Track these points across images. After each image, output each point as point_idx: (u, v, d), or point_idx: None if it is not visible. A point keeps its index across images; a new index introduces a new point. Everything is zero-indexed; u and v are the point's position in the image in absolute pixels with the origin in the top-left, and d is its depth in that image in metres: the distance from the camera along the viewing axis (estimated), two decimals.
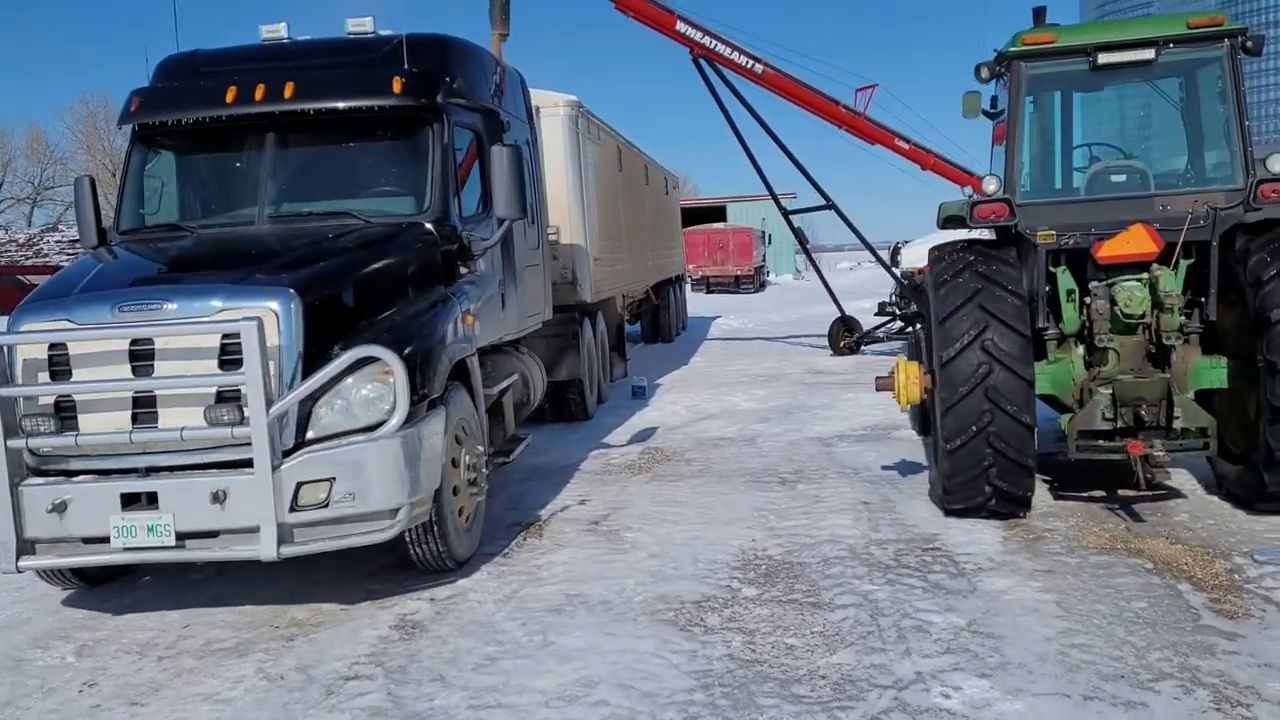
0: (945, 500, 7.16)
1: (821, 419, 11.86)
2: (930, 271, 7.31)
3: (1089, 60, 7.10)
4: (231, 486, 5.50)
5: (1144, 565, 6.11)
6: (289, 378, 5.65)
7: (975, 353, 6.71)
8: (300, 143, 7.38)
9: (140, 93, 7.41)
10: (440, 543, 6.42)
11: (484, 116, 8.16)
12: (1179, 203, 6.97)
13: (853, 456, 9.69)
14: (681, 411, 12.93)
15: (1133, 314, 6.85)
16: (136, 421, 5.59)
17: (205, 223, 7.25)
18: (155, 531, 5.48)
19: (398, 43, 7.47)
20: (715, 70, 16.73)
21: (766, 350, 20.11)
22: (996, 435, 6.69)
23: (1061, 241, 7.08)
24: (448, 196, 7.31)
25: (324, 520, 5.65)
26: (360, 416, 5.77)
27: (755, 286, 46.87)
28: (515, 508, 8.28)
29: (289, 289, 5.73)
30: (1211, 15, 6.99)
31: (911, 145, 17.45)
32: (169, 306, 5.60)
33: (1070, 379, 7.23)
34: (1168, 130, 7.98)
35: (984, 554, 6.47)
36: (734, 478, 9.03)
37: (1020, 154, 7.23)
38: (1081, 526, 6.94)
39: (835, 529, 7.21)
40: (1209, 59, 7.10)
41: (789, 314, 29.20)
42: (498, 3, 14.96)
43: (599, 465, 9.91)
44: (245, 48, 7.92)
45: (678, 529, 7.43)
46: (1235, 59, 6.94)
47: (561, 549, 7.11)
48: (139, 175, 7.56)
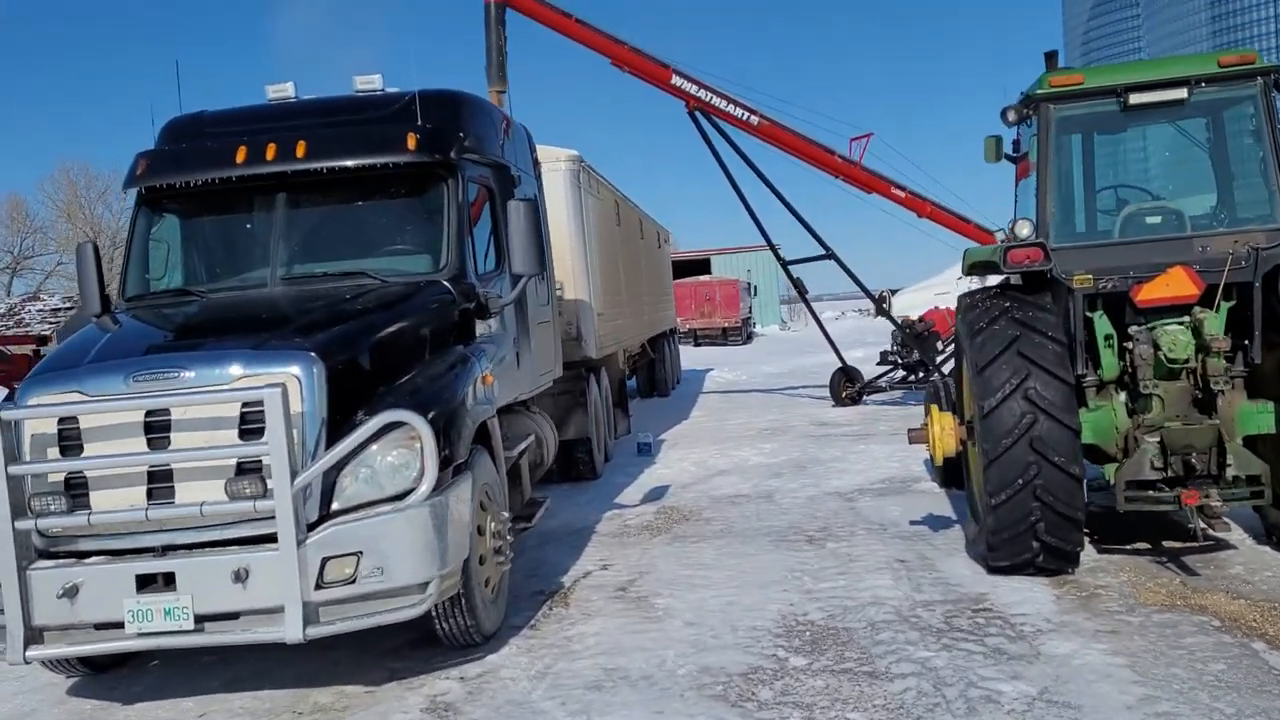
0: (990, 557, 6.87)
1: (837, 473, 11.59)
2: (963, 319, 7.10)
3: (1119, 101, 6.97)
4: (254, 564, 5.17)
5: (1210, 623, 5.84)
6: (313, 446, 5.36)
7: (1018, 402, 6.48)
8: (312, 202, 7.16)
9: (147, 155, 7.18)
10: (468, 616, 6.09)
11: (495, 171, 7.97)
12: (1218, 243, 6.81)
13: (877, 512, 9.41)
14: (691, 468, 12.64)
15: (1177, 359, 6.65)
16: (152, 497, 5.27)
17: (215, 287, 6.99)
18: (173, 615, 5.14)
19: (410, 99, 7.30)
20: (711, 123, 16.69)
21: (766, 402, 19.88)
22: (1044, 488, 6.44)
23: (1100, 285, 6.90)
24: (464, 253, 7.09)
25: (351, 598, 5.32)
26: (386, 485, 5.48)
27: (742, 338, 46.76)
28: (535, 575, 7.95)
29: (311, 353, 5.46)
30: (1242, 54, 6.89)
31: (908, 193, 17.42)
32: (186, 375, 5.32)
33: (1113, 427, 7.00)
34: (1196, 170, 7.86)
35: (1039, 614, 6.19)
36: (758, 537, 8.73)
37: (1052, 197, 7.07)
38: (1135, 582, 6.67)
39: (876, 590, 6.91)
40: (1242, 98, 6.99)
41: (781, 365, 29.02)
42: (495, 60, 14.91)
43: (615, 527, 9.59)
44: (252, 108, 7.73)
45: (710, 594, 7.11)
46: (1269, 97, 6.84)
47: (591, 619, 6.78)
48: (144, 240, 7.31)
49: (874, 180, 17.23)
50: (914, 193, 17.46)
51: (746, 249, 57.56)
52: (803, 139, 16.89)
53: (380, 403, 5.66)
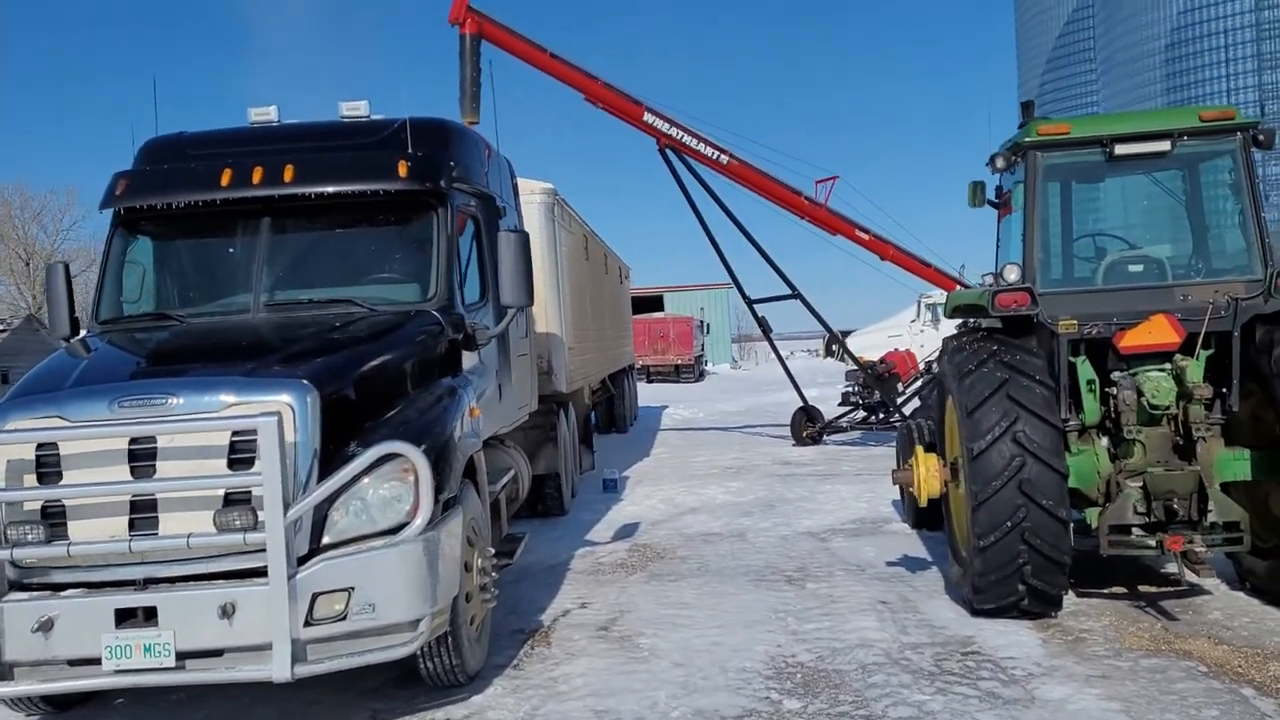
0: (976, 600, 6.88)
1: (807, 512, 11.58)
2: (950, 361, 7.14)
3: (1105, 151, 7.11)
4: (240, 599, 4.99)
5: (1198, 668, 5.87)
6: (304, 478, 5.20)
7: (1007, 445, 6.51)
8: (298, 228, 7.02)
9: (126, 175, 7.00)
10: (454, 655, 5.93)
11: (482, 201, 7.90)
12: (1199, 293, 6.95)
13: (852, 552, 9.39)
14: (659, 505, 12.56)
15: (1160, 405, 6.74)
16: (134, 528, 5.07)
17: (195, 312, 6.80)
18: (153, 651, 4.93)
19: (400, 126, 7.22)
20: (682, 161, 16.77)
21: (726, 440, 19.88)
22: (1031, 531, 6.46)
23: (1084, 331, 6.99)
24: (453, 283, 7.00)
25: (341, 635, 5.16)
26: (379, 519, 5.34)
27: (695, 376, 46.88)
28: (514, 612, 7.80)
29: (305, 381, 5.32)
30: (1223, 109, 7.07)
31: (871, 236, 17.62)
32: (174, 401, 5.14)
33: (1095, 472, 7.07)
34: (1170, 220, 8.04)
35: (1028, 658, 6.19)
36: (736, 576, 8.67)
37: (1038, 243, 7.17)
38: (1118, 626, 6.71)
39: (863, 632, 6.87)
40: (1221, 151, 7.17)
41: (738, 403, 29.11)
42: (469, 90, 14.85)
43: (589, 564, 9.47)
44: (234, 130, 7.59)
45: (694, 634, 7.02)
46: (1248, 151, 7.02)
47: (575, 658, 6.65)
48: (120, 262, 7.10)
49: (839, 222, 17.41)
50: (877, 235, 17.67)
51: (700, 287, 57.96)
52: (771, 179, 17.03)
53: (373, 434, 5.53)
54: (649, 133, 16.54)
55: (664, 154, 16.80)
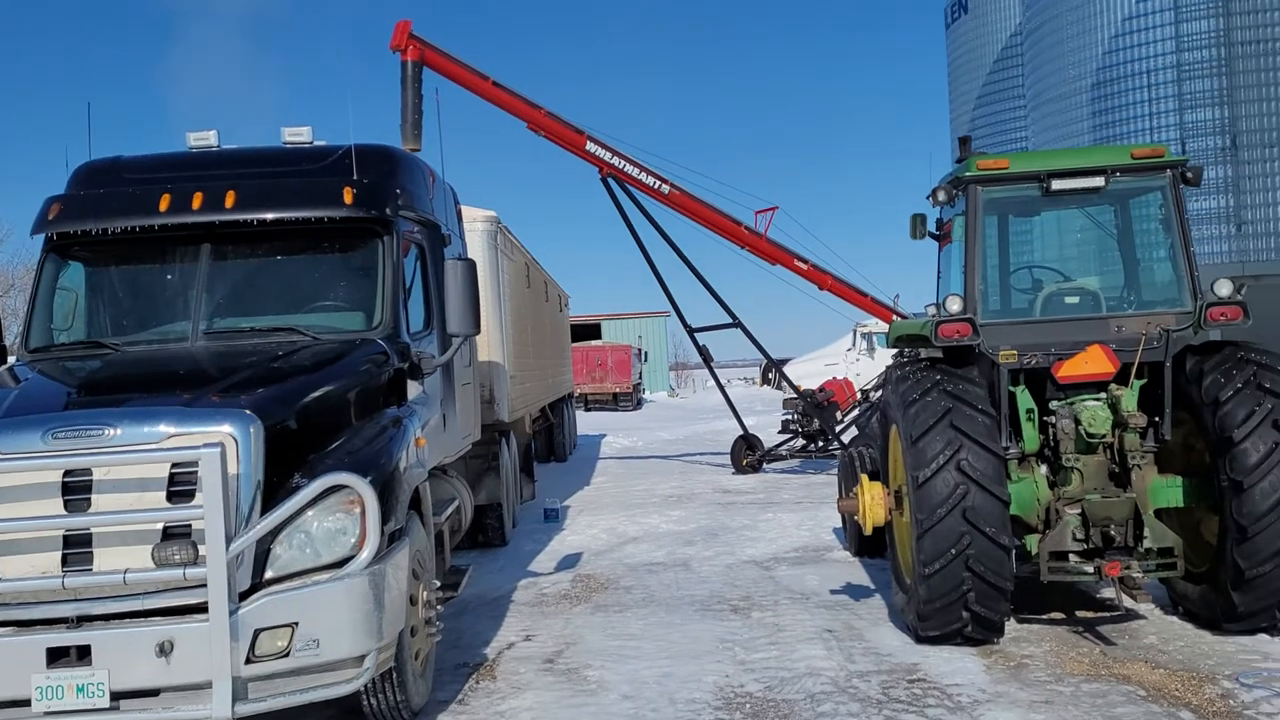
0: (921, 627, 6.94)
1: (750, 540, 11.61)
2: (895, 390, 7.23)
3: (1042, 186, 7.30)
4: (179, 636, 4.83)
5: (1137, 693, 5.98)
6: (247, 510, 5.07)
7: (951, 473, 6.60)
8: (239, 255, 6.89)
9: (60, 199, 6.82)
10: (398, 691, 5.81)
11: (427, 229, 7.84)
12: (1132, 324, 7.14)
13: (796, 580, 9.43)
14: (602, 535, 12.49)
15: (1096, 433, 6.90)
16: (67, 563, 4.90)
17: (131, 340, 6.62)
18: (86, 692, 4.74)
19: (345, 153, 7.14)
20: (624, 189, 16.85)
21: (666, 469, 19.89)
22: (975, 558, 6.55)
23: (1024, 361, 7.13)
24: (398, 311, 6.92)
25: (283, 672, 5.02)
26: (323, 553, 5.22)
27: (633, 404, 46.90)
28: (456, 646, 7.67)
29: (248, 411, 5.20)
30: (1154, 147, 7.31)
31: (810, 266, 17.85)
32: (111, 432, 4.98)
33: (1035, 499, 7.20)
34: (1101, 253, 8.26)
35: (973, 684, 6.25)
36: (682, 606, 8.64)
37: (979, 275, 7.32)
38: (1058, 652, 6.81)
39: (810, 661, 6.89)
40: (1152, 188, 7.40)
41: (676, 432, 29.13)
42: (410, 118, 14.77)
43: (532, 596, 9.38)
44: (173, 155, 7.45)
45: (643, 665, 6.98)
46: (1178, 188, 7.25)
47: (522, 692, 6.56)
48: (51, 288, 6.90)
49: (778, 252, 17.62)
50: (816, 265, 17.92)
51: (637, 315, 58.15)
52: (712, 209, 17.19)
53: (318, 465, 5.42)
54: (591, 162, 16.61)
55: (606, 183, 16.87)
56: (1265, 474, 6.44)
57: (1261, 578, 6.51)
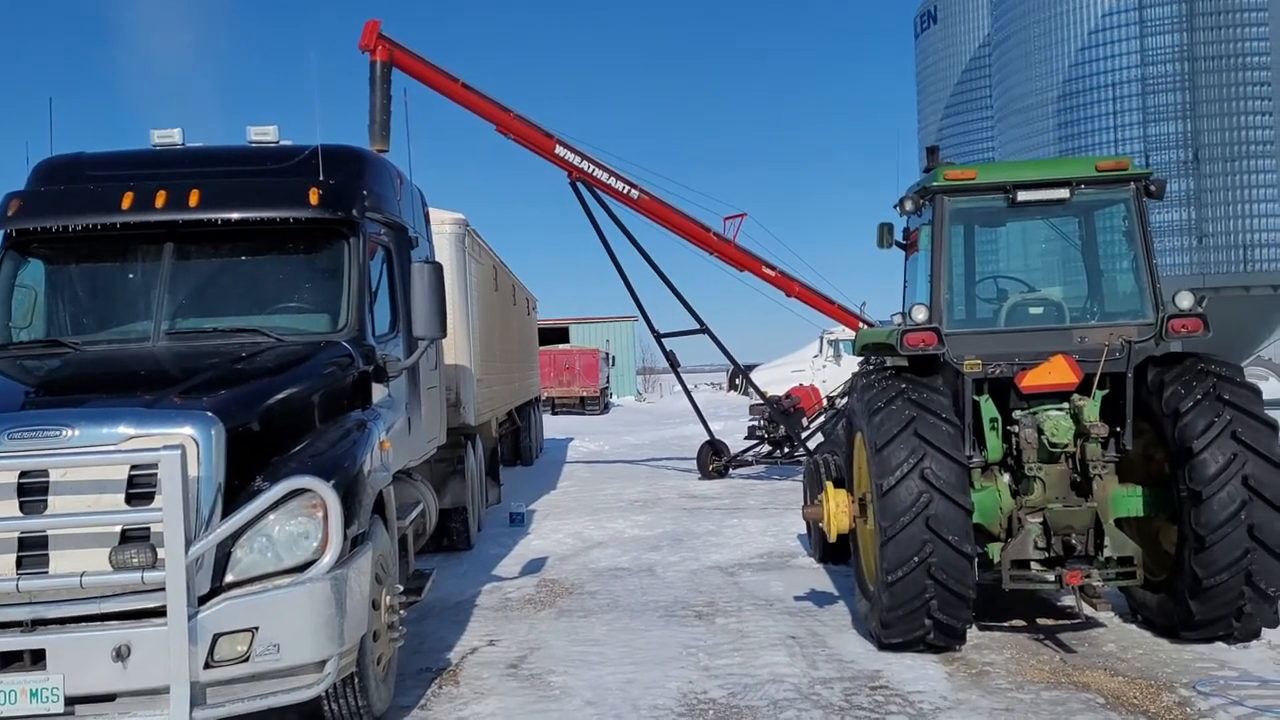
0: (883, 634, 6.97)
1: (715, 546, 11.62)
2: (860, 398, 7.27)
3: (1008, 197, 7.37)
4: (136, 640, 4.76)
5: (1096, 700, 6.04)
6: (207, 514, 5.00)
7: (915, 481, 6.64)
8: (202, 255, 6.82)
9: (20, 195, 6.72)
10: (360, 697, 5.76)
11: (394, 231, 7.79)
12: (1095, 335, 7.23)
13: (760, 587, 9.45)
14: (567, 540, 12.46)
15: (1059, 443, 6.97)
16: (22, 566, 4.81)
17: (90, 339, 6.53)
18: (40, 697, 4.66)
19: (311, 153, 7.08)
20: (592, 194, 16.83)
21: (632, 473, 19.88)
22: (938, 566, 6.60)
23: (988, 371, 7.20)
24: (364, 314, 6.86)
25: (243, 677, 4.96)
26: (285, 557, 5.16)
27: (600, 408, 46.86)
28: (419, 651, 7.62)
29: (209, 413, 5.14)
30: (1118, 160, 7.40)
31: (777, 273, 17.88)
32: (69, 433, 4.90)
33: (997, 507, 7.26)
34: (1065, 264, 8.36)
35: (935, 691, 6.29)
36: (646, 612, 8.63)
37: (944, 284, 7.37)
38: (1019, 659, 6.87)
39: (773, 667, 6.90)
40: (1116, 200, 7.49)
41: (643, 436, 29.11)
42: (378, 119, 14.68)
43: (496, 600, 9.33)
44: (136, 152, 7.35)
45: (606, 671, 6.96)
46: (1141, 201, 7.35)
47: (484, 698, 6.53)
48: (9, 286, 6.78)
49: (746, 259, 17.65)
50: (783, 272, 17.95)
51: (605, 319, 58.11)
52: (680, 215, 17.20)
53: (281, 468, 5.36)
54: (560, 165, 16.58)
55: (575, 187, 16.85)
56: (1223, 485, 6.53)
57: (1218, 587, 6.61)
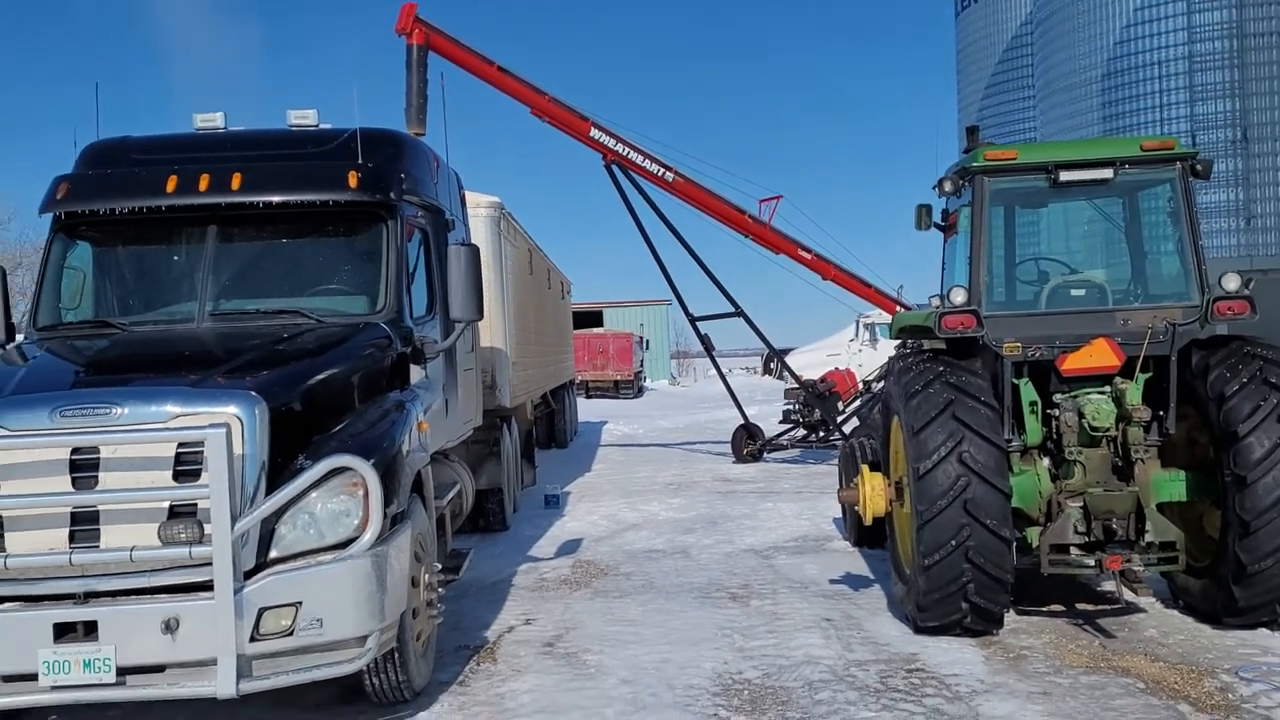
0: (920, 618, 6.96)
1: (749, 529, 11.63)
2: (897, 381, 7.24)
3: (1049, 178, 7.29)
4: (184, 613, 4.87)
5: (1136, 685, 6.01)
6: (252, 491, 5.10)
7: (953, 465, 6.61)
8: (244, 237, 6.91)
9: (68, 179, 6.83)
10: (400, 671, 5.85)
11: (431, 214, 7.84)
12: (1138, 317, 7.14)
13: (795, 569, 9.46)
14: (601, 522, 12.53)
15: (1100, 427, 6.91)
16: (75, 540, 4.93)
17: (137, 320, 6.64)
18: (92, 667, 4.78)
19: (350, 137, 7.14)
20: (627, 177, 16.83)
21: (666, 457, 19.92)
22: (975, 550, 6.57)
23: (1028, 354, 7.14)
24: (402, 296, 6.93)
25: (287, 650, 5.06)
26: (327, 534, 5.25)
27: (634, 392, 46.90)
28: (457, 628, 7.71)
29: (253, 393, 5.23)
30: (1163, 140, 7.30)
31: (813, 256, 17.83)
32: (118, 412, 5.01)
33: (1036, 492, 7.21)
34: (1108, 246, 8.26)
35: (971, 675, 6.28)
36: (681, 594, 8.68)
37: (984, 266, 7.31)
38: (1057, 644, 6.84)
39: (808, 649, 6.92)
40: (1161, 180, 7.39)
41: (677, 420, 29.14)
42: (415, 102, 14.75)
43: (532, 580, 9.41)
44: (180, 136, 7.45)
45: (641, 650, 7.01)
46: (1187, 181, 7.24)
47: (521, 675, 6.60)
48: (59, 267, 6.92)
49: (782, 241, 17.60)
50: (819, 255, 17.90)
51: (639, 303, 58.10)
52: (715, 197, 17.16)
53: (322, 447, 5.45)
54: (595, 148, 16.58)
55: (609, 169, 16.85)
56: (1269, 469, 6.45)
57: (1263, 573, 6.53)
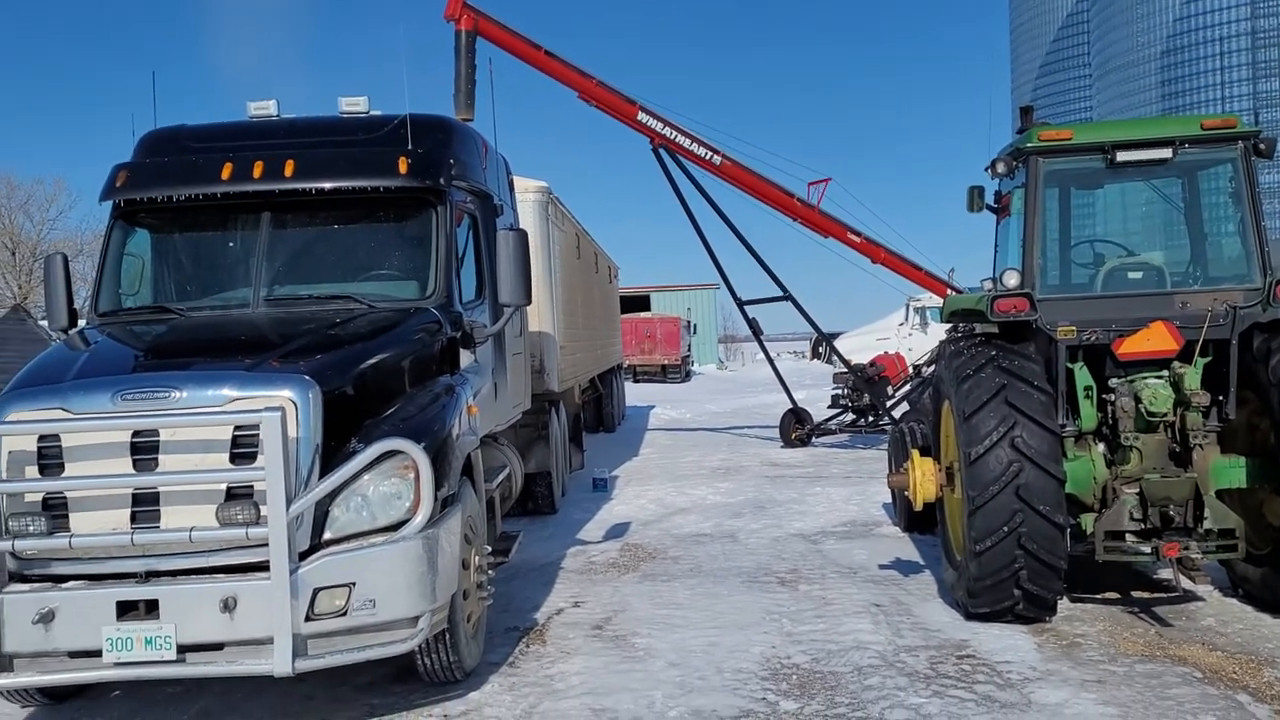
0: (971, 604, 6.91)
1: (797, 514, 11.60)
2: (948, 365, 7.16)
3: (1106, 158, 7.15)
4: (242, 593, 4.98)
5: (1193, 674, 5.91)
6: (306, 473, 5.19)
7: (1005, 450, 6.54)
8: (297, 223, 7.00)
9: (126, 167, 6.96)
10: (451, 652, 5.93)
11: (480, 199, 7.89)
12: (1197, 300, 6.99)
13: (844, 554, 9.42)
14: (649, 506, 12.57)
15: (1157, 412, 6.78)
16: (136, 521, 5.05)
17: (194, 305, 6.77)
18: (154, 644, 4.91)
19: (400, 123, 7.19)
20: (675, 160, 16.78)
21: (714, 441, 19.91)
22: (1028, 536, 6.50)
23: (1082, 338, 7.02)
24: (451, 281, 6.98)
25: (341, 630, 5.15)
26: (379, 516, 5.33)
27: (682, 376, 46.88)
28: (507, 610, 7.79)
29: (307, 377, 5.31)
30: (1225, 118, 7.12)
31: (863, 239, 17.67)
32: (177, 395, 5.12)
33: (1091, 478, 7.10)
34: (1166, 227, 8.09)
35: (1024, 662, 6.22)
36: (729, 578, 8.68)
37: (1038, 249, 7.20)
38: (1112, 632, 6.75)
39: (857, 634, 6.90)
40: (1222, 160, 7.22)
41: (724, 405, 29.11)
42: (463, 88, 14.82)
43: (581, 563, 9.47)
44: (234, 124, 7.55)
45: (689, 634, 7.03)
46: (1249, 160, 7.06)
47: (570, 657, 6.65)
48: (119, 254, 7.06)
49: (831, 224, 17.46)
50: (869, 238, 17.73)
51: (686, 287, 57.98)
52: (764, 180, 17.06)
53: (374, 431, 5.53)
54: (642, 132, 16.56)
55: (657, 153, 16.81)
56: None
57: None
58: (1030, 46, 52.63)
